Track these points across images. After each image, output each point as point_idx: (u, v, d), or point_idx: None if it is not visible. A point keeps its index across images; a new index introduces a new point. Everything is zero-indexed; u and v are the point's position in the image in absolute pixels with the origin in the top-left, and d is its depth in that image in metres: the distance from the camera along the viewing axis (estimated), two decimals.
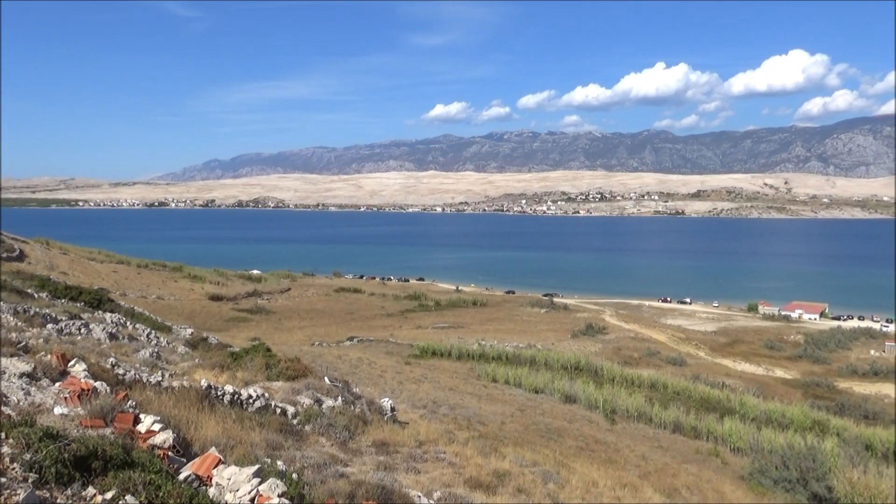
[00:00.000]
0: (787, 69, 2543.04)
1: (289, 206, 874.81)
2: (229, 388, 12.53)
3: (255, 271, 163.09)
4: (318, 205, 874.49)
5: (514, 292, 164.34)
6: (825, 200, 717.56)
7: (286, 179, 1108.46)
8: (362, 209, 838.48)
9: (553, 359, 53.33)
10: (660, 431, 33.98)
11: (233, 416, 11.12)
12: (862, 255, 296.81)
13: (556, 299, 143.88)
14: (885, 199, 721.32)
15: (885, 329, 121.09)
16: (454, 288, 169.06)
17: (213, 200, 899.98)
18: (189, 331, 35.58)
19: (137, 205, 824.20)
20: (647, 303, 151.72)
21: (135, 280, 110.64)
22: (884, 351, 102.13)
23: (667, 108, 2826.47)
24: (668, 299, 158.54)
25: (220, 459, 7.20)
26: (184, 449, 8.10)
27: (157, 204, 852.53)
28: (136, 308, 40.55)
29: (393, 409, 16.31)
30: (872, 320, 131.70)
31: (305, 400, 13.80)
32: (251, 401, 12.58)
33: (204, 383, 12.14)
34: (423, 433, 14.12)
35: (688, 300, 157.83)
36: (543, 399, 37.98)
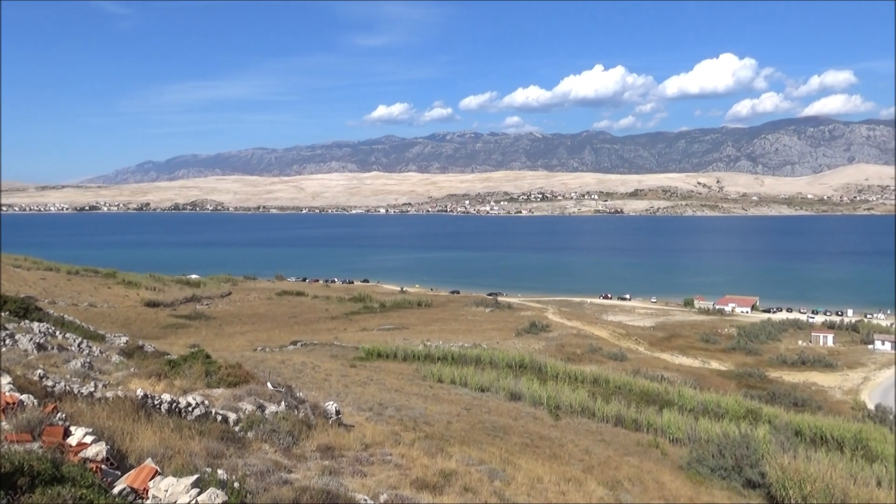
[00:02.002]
0: (718, 72, 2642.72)
1: (228, 209, 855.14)
2: (167, 397, 12.15)
3: (193, 276, 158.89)
4: (258, 207, 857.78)
5: (458, 292, 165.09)
6: (754, 198, 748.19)
7: (225, 181, 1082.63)
8: (304, 211, 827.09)
9: (498, 357, 53.80)
10: (602, 425, 34.72)
11: (171, 426, 10.78)
12: (789, 250, 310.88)
13: (500, 298, 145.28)
14: (810, 196, 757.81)
15: (811, 320, 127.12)
16: (399, 289, 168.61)
17: (147, 204, 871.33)
18: (124, 339, 34.34)
19: (66, 209, 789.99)
20: (588, 300, 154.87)
21: (65, 287, 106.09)
22: (810, 341, 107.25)
23: (605, 109, 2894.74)
24: (609, 296, 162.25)
25: (156, 471, 6.97)
26: (118, 461, 7.81)
27: (87, 208, 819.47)
28: (66, 317, 38.86)
29: (338, 413, 16.13)
30: (800, 312, 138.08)
31: (247, 406, 13.50)
32: (190, 409, 12.23)
33: (140, 393, 11.73)
34: (368, 436, 14.02)
35: (627, 296, 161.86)
36: (489, 397, 38.28)
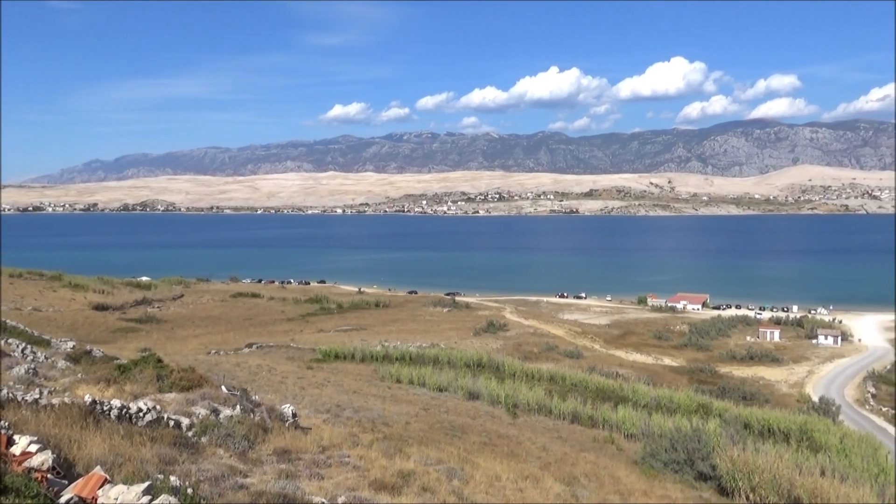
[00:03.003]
0: (669, 75, 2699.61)
1: (180, 210, 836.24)
2: (116, 403, 11.82)
3: (144, 278, 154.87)
4: (212, 207, 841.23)
5: (416, 292, 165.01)
6: (704, 198, 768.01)
7: (177, 181, 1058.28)
8: (259, 211, 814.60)
9: (456, 357, 53.95)
10: (559, 422, 35.15)
11: (121, 432, 10.50)
12: (737, 249, 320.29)
13: (458, 298, 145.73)
14: (756, 196, 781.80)
15: (758, 316, 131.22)
16: (356, 290, 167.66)
17: (95, 204, 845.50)
18: (71, 344, 33.27)
19: (8, 210, 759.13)
20: (545, 299, 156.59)
21: (7, 291, 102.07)
22: (758, 337, 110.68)
23: (560, 110, 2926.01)
24: (565, 295, 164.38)
25: (106, 479, 6.78)
26: (65, 470, 7.58)
27: (31, 209, 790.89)
28: (8, 321, 37.44)
29: (295, 416, 15.95)
30: (748, 309, 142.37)
31: (201, 411, 13.24)
32: (141, 414, 11.93)
33: (88, 399, 11.39)
34: (326, 438, 13.91)
35: (583, 295, 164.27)
36: (447, 397, 38.36)
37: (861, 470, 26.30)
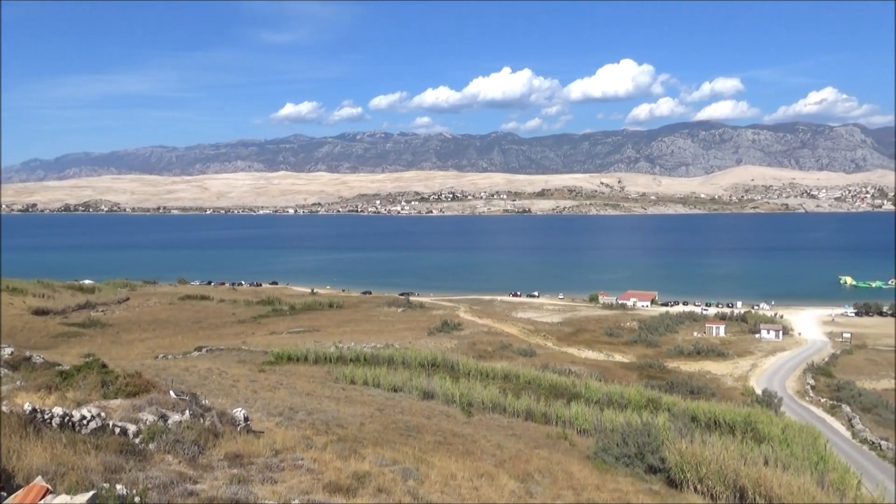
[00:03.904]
0: (619, 77, 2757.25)
1: (125, 210, 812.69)
2: (58, 411, 11.41)
3: (87, 281, 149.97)
4: (158, 208, 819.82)
5: (370, 293, 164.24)
6: (653, 198, 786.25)
7: (121, 181, 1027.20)
8: (208, 212, 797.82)
9: (411, 357, 53.86)
10: (513, 420, 35.46)
11: (63, 441, 10.14)
12: (684, 247, 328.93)
13: (412, 298, 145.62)
14: (702, 196, 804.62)
15: (705, 312, 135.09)
16: (309, 291, 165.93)
17: (34, 204, 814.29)
18: (8, 350, 31.89)
19: None
20: (499, 298, 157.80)
21: None
22: (704, 332, 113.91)
23: (512, 111, 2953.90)
24: (519, 294, 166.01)
25: (48, 489, 6.55)
26: (5, 482, 7.30)
27: None
28: None
29: (247, 419, 15.67)
30: (694, 305, 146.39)
31: (148, 417, 12.89)
32: (85, 422, 11.54)
33: (27, 407, 10.96)
34: (279, 441, 13.71)
35: (536, 294, 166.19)
36: (402, 397, 38.27)
37: (802, 459, 27.31)
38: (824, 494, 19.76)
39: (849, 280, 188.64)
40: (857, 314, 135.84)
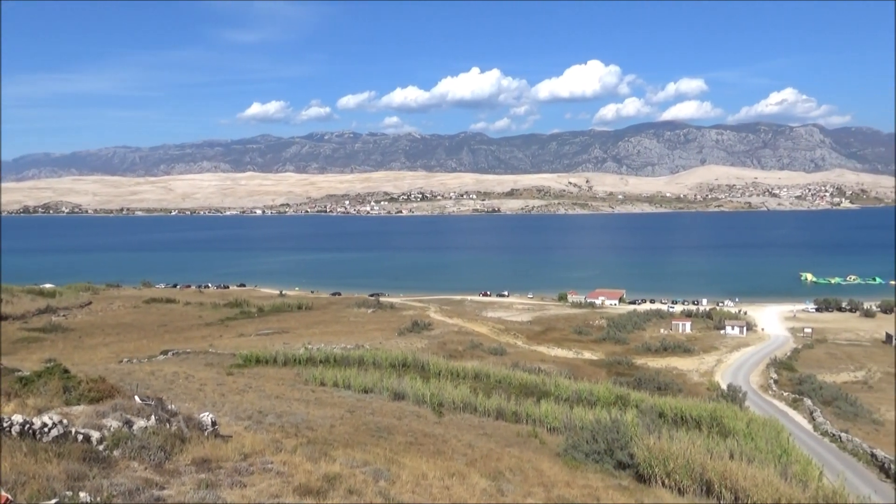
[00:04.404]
0: (586, 78, 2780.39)
1: (87, 212, 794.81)
2: (18, 418, 11.12)
3: (47, 285, 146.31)
4: (122, 209, 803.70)
5: (340, 294, 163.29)
6: (620, 197, 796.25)
7: (83, 182, 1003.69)
8: (174, 213, 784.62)
9: (381, 358, 53.69)
10: (484, 419, 35.58)
11: (24, 449, 9.89)
12: (651, 245, 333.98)
13: (382, 299, 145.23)
14: (668, 195, 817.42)
15: (671, 310, 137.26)
16: (278, 293, 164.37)
17: None
18: None
19: None
20: (469, 297, 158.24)
21: None
22: (671, 329, 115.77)
23: (481, 111, 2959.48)
24: (488, 293, 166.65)
25: (8, 498, 6.38)
26: None
27: None
28: None
29: (214, 424, 15.45)
30: (661, 302, 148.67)
31: (113, 423, 12.62)
32: (46, 430, 11.26)
33: None
34: (248, 445, 13.55)
35: (506, 293, 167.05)
36: (373, 398, 38.12)
37: (766, 452, 27.94)
38: (787, 486, 20.24)
39: (809, 277, 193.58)
40: (817, 310, 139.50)
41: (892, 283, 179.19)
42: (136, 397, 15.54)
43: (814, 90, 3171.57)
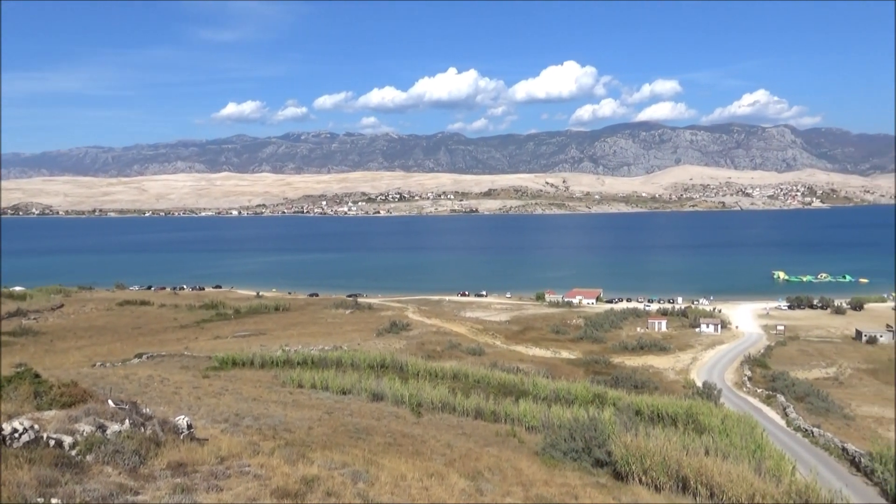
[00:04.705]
0: (563, 79, 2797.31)
1: (58, 213, 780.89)
2: None
3: (17, 288, 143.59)
4: (94, 210, 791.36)
5: (317, 295, 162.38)
6: (596, 197, 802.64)
7: (54, 183, 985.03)
8: (147, 214, 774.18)
9: (359, 359, 53.46)
10: (463, 419, 35.60)
11: None
12: (628, 244, 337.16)
13: (360, 299, 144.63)
14: (644, 194, 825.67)
15: (647, 308, 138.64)
16: (255, 294, 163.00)
17: None
18: None
19: None
20: (447, 298, 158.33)
21: None
22: (647, 327, 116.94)
23: (458, 111, 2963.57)
24: (467, 293, 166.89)
25: None
26: None
27: None
28: None
29: (190, 427, 15.27)
30: (637, 301, 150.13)
31: (86, 427, 12.42)
32: (17, 435, 11.04)
33: None
34: (224, 448, 13.41)
35: (484, 293, 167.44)
36: (351, 400, 37.95)
37: (740, 448, 28.33)
38: (761, 481, 20.55)
39: (781, 275, 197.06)
40: (789, 307, 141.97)
41: (862, 280, 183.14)
42: (110, 401, 15.31)
43: (785, 91, 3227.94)
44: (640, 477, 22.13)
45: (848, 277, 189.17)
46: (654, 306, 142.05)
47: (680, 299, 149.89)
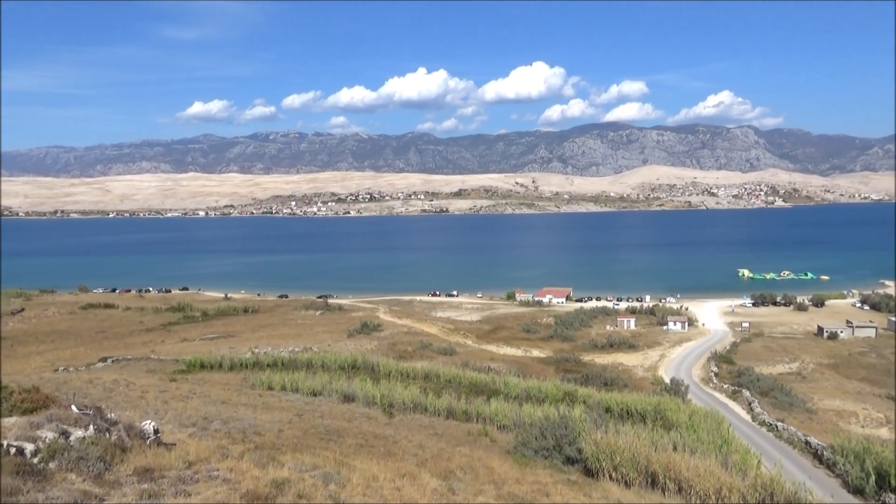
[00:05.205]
0: (532, 79, 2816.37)
1: (18, 214, 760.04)
2: None
3: None
4: (55, 212, 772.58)
5: (287, 296, 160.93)
6: (566, 197, 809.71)
7: (13, 183, 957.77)
8: (112, 215, 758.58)
9: (330, 360, 53.14)
10: (435, 419, 35.60)
11: None
12: (596, 244, 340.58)
13: (330, 300, 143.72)
14: (612, 194, 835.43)
15: (616, 307, 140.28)
16: (223, 296, 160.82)
17: None
18: None
19: None
20: (418, 298, 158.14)
21: None
22: (616, 325, 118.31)
23: (428, 111, 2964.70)
24: (438, 293, 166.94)
25: None
26: None
27: None
28: None
29: (157, 432, 15.00)
30: (607, 300, 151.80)
31: (48, 434, 12.11)
32: None
33: None
34: (192, 452, 13.21)
35: (455, 293, 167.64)
36: (322, 401, 37.68)
37: (707, 443, 28.82)
38: (728, 475, 20.93)
39: (746, 272, 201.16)
40: (753, 304, 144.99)
41: (823, 277, 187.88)
42: (73, 407, 14.97)
43: (749, 92, 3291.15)
44: (611, 473, 22.37)
45: (809, 275, 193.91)
46: (623, 305, 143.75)
47: (648, 297, 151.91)
